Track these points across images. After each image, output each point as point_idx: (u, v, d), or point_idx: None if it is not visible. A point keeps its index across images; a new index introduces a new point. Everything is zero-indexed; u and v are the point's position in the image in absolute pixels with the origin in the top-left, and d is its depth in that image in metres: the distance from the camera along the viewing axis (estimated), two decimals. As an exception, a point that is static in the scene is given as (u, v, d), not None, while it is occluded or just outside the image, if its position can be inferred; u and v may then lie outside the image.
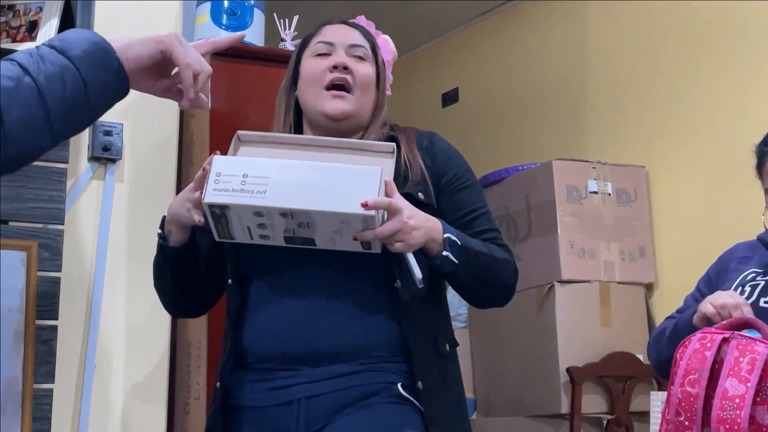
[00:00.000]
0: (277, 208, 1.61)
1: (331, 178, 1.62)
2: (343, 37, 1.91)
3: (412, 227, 1.65)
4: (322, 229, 1.64)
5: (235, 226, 1.67)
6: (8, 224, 2.31)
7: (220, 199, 1.62)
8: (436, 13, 4.88)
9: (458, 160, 1.91)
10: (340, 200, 1.60)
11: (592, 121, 4.09)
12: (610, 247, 3.58)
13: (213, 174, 1.63)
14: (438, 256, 1.71)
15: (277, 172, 1.62)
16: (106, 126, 2.52)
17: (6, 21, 2.25)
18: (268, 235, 1.67)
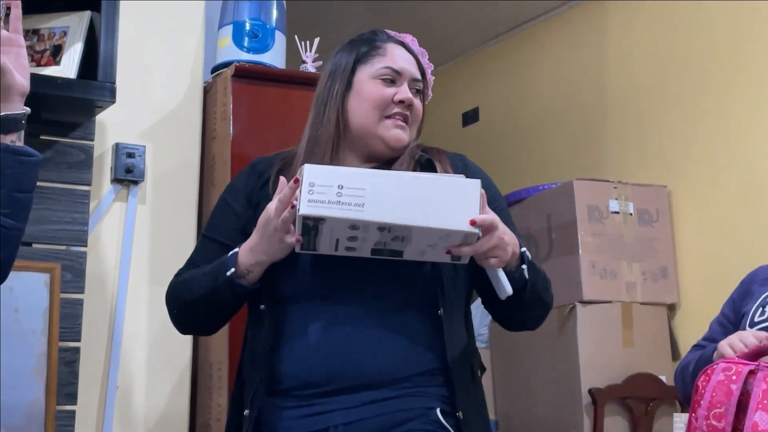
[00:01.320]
0: (377, 222, 1.56)
1: (429, 190, 1.58)
2: (409, 67, 1.88)
3: (506, 242, 1.64)
4: (417, 243, 1.61)
5: (323, 239, 1.61)
6: (32, 246, 2.33)
7: (318, 211, 1.55)
8: (456, 33, 4.89)
9: (491, 183, 1.90)
10: (442, 215, 1.56)
11: (613, 140, 4.08)
12: (632, 267, 3.56)
13: (306, 184, 1.56)
14: (516, 270, 1.70)
15: (374, 184, 1.57)
16: (129, 148, 2.54)
17: (31, 45, 2.27)
18: (356, 248, 1.62)
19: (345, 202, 1.55)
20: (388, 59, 1.86)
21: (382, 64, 1.85)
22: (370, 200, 1.55)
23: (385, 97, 1.83)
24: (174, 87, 2.68)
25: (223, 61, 2.74)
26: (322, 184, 1.55)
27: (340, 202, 1.55)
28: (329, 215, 1.55)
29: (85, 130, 2.42)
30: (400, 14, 4.63)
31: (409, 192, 1.57)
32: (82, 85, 2.20)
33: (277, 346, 1.75)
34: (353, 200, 1.55)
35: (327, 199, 1.55)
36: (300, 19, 4.52)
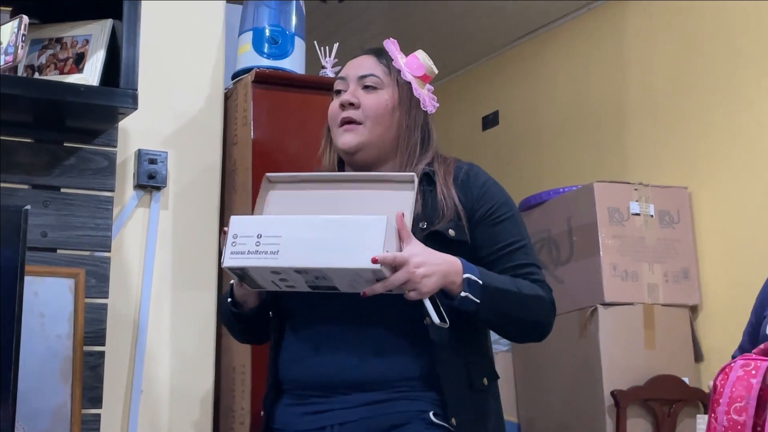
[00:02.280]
0: (289, 267, 1.66)
1: (338, 231, 1.66)
2: (355, 69, 1.93)
3: (422, 275, 1.65)
4: (339, 280, 1.68)
5: (259, 281, 1.73)
6: (56, 252, 2.36)
7: (237, 262, 1.68)
8: (475, 36, 4.90)
9: (495, 193, 1.89)
10: (347, 255, 1.64)
11: (633, 142, 4.07)
12: (654, 269, 3.55)
13: (230, 237, 1.69)
14: (456, 298, 1.71)
15: (289, 230, 1.67)
16: (151, 154, 2.56)
17: (54, 53, 2.30)
18: (293, 285, 1.72)
19: (262, 251, 1.67)
20: (342, 71, 1.97)
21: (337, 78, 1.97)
22: (284, 247, 1.66)
23: (335, 109, 1.92)
24: (195, 93, 2.70)
25: (243, 68, 2.76)
26: (243, 234, 1.69)
27: (258, 251, 1.67)
28: (247, 265, 1.68)
29: (108, 136, 2.44)
30: (419, 18, 4.64)
31: (319, 234, 1.66)
32: (104, 92, 2.23)
33: (278, 351, 1.86)
34: (269, 248, 1.66)
35: (247, 249, 1.68)
36: (319, 23, 4.55)
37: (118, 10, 2.27)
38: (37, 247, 2.31)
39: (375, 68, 1.92)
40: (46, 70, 2.29)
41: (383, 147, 1.91)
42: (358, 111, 1.88)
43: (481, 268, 1.76)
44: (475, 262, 1.77)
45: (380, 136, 1.89)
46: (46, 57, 2.30)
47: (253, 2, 2.81)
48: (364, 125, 1.88)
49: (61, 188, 2.39)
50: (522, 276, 1.83)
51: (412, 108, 1.93)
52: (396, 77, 1.92)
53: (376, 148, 1.90)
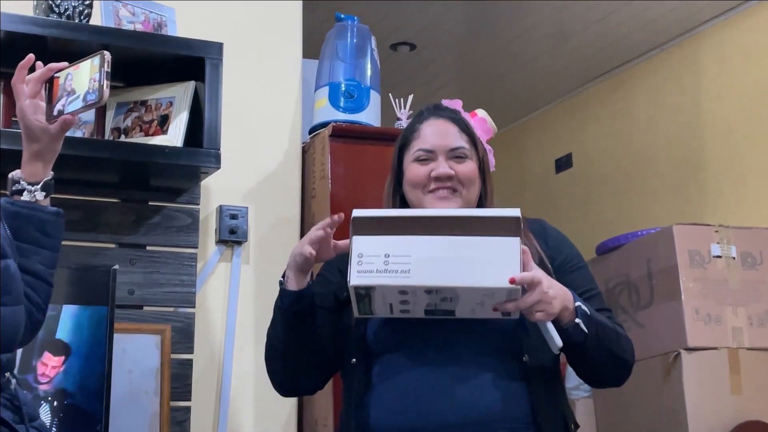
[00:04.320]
0: (422, 286, 1.64)
1: (471, 250, 1.65)
2: (442, 141, 1.91)
3: (551, 297, 1.68)
4: (465, 302, 1.68)
5: (377, 304, 1.70)
6: (143, 309, 2.42)
7: (366, 281, 1.65)
8: (547, 78, 4.90)
9: (569, 243, 1.96)
10: (484, 274, 1.63)
11: (711, 182, 4.01)
12: (737, 312, 3.48)
13: (355, 255, 1.66)
14: (570, 325, 1.73)
15: (418, 249, 1.65)
16: (232, 210, 2.61)
17: (139, 116, 2.37)
18: (409, 310, 1.71)
19: (392, 270, 1.65)
20: (421, 141, 1.92)
21: (416, 147, 1.92)
22: (416, 266, 1.65)
23: (422, 177, 1.90)
24: (274, 149, 2.76)
25: (320, 122, 2.80)
26: (369, 254, 1.66)
27: (387, 270, 1.65)
28: (377, 283, 1.65)
29: (191, 194, 2.50)
30: (490, 62, 4.67)
31: (452, 254, 1.65)
32: (188, 152, 2.29)
33: (367, 395, 1.82)
34: (400, 267, 1.65)
35: (375, 268, 1.65)
36: (391, 71, 4.60)
37: (200, 72, 2.33)
38: (125, 305, 2.37)
39: (460, 139, 1.92)
40: (132, 132, 2.35)
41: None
42: (454, 180, 1.89)
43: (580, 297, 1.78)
44: None
45: (469, 202, 1.91)
46: (131, 119, 2.37)
47: (329, 57, 2.86)
48: (460, 193, 1.89)
49: (147, 246, 2.45)
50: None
51: (488, 174, 1.97)
52: (477, 149, 1.94)
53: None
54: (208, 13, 2.69)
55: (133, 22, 2.37)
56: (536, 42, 4.47)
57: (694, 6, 4.07)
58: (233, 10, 2.76)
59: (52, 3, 2.23)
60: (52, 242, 1.57)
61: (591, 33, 4.35)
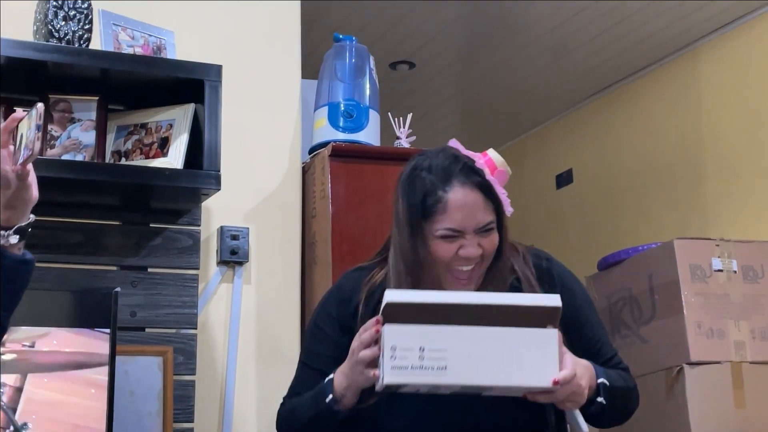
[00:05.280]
0: (461, 385, 1.59)
1: (509, 345, 1.58)
2: (471, 219, 1.76)
3: (584, 387, 1.67)
4: (498, 392, 1.64)
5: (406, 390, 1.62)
6: (144, 331, 2.42)
7: (401, 379, 1.56)
8: (547, 94, 4.92)
9: (577, 290, 1.89)
10: (523, 372, 1.57)
11: (711, 196, 4.02)
12: (740, 326, 3.47)
13: (388, 349, 1.56)
14: (594, 403, 1.73)
15: (455, 342, 1.57)
16: (233, 231, 2.62)
17: (139, 139, 2.38)
18: (438, 394, 1.64)
19: (427, 366, 1.55)
20: (448, 218, 1.75)
21: (443, 225, 1.76)
22: (452, 362, 1.56)
23: (448, 255, 1.77)
24: (274, 169, 2.77)
25: (320, 142, 2.82)
26: (403, 347, 1.56)
27: (423, 366, 1.55)
28: (413, 382, 1.57)
29: (192, 216, 2.51)
30: (489, 80, 4.69)
31: (490, 349, 1.57)
32: (189, 174, 2.30)
33: None
34: (436, 363, 1.56)
35: (410, 364, 1.55)
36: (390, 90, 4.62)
37: (199, 94, 2.34)
38: (127, 327, 2.38)
39: (487, 212, 1.78)
40: (132, 155, 2.37)
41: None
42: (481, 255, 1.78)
43: (602, 369, 1.78)
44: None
45: (487, 265, 1.82)
46: (131, 142, 2.38)
47: (328, 77, 2.88)
48: (480, 264, 1.79)
49: (148, 268, 2.45)
50: (612, 368, 1.85)
51: (505, 225, 1.84)
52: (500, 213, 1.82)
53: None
54: (207, 36, 2.71)
55: (133, 46, 2.38)
56: (535, 59, 4.49)
57: (692, 21, 4.09)
58: (232, 33, 2.78)
59: (51, 28, 2.25)
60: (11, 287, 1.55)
61: (590, 49, 4.37)
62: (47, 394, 2.01)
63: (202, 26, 2.72)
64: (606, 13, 4.03)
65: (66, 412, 2.01)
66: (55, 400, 2.01)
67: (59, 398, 2.02)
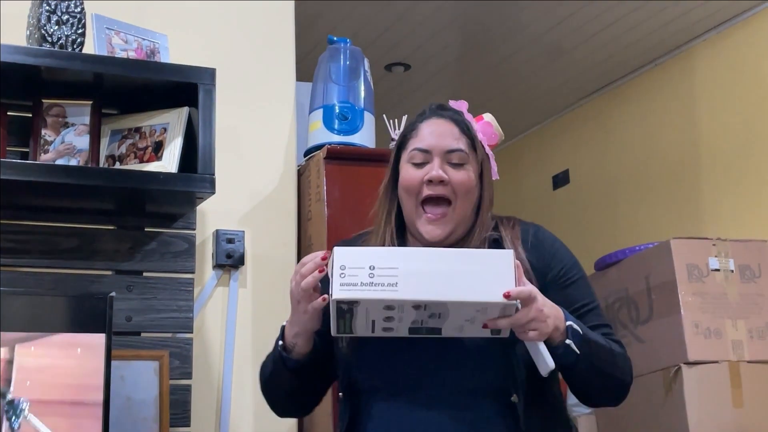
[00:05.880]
0: (411, 300, 1.54)
1: (462, 263, 1.56)
2: (439, 141, 1.82)
3: (546, 315, 1.61)
4: (454, 319, 1.58)
5: (359, 321, 1.59)
6: (140, 335, 2.41)
7: (351, 294, 1.54)
8: (543, 95, 4.91)
9: (564, 254, 1.85)
10: (477, 289, 1.54)
11: (708, 196, 4.02)
12: (737, 325, 3.47)
13: (337, 268, 1.55)
14: (561, 345, 1.66)
15: (406, 261, 1.55)
16: (228, 234, 2.62)
17: (133, 143, 2.37)
18: (393, 327, 1.61)
19: (378, 283, 1.54)
20: (418, 139, 1.83)
21: (412, 146, 1.84)
22: (403, 279, 1.54)
23: (415, 181, 1.81)
24: (269, 172, 2.76)
25: (315, 144, 2.81)
26: (353, 266, 1.55)
27: (373, 283, 1.54)
28: (363, 297, 1.54)
29: (187, 220, 2.51)
30: (486, 80, 4.69)
31: (442, 267, 1.55)
32: (183, 178, 2.29)
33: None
34: (386, 280, 1.54)
35: (359, 281, 1.54)
36: (386, 92, 4.62)
37: (193, 97, 2.34)
38: (123, 332, 2.37)
39: (459, 141, 1.83)
40: (127, 159, 2.36)
41: (465, 224, 1.84)
42: (448, 188, 1.80)
43: (577, 319, 1.72)
44: None
45: (464, 213, 1.82)
46: (126, 146, 2.37)
47: (322, 80, 2.87)
48: (453, 202, 1.80)
49: (143, 272, 2.45)
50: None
51: (484, 180, 1.86)
52: (477, 152, 1.85)
53: (460, 227, 1.83)
54: (200, 39, 2.71)
55: (126, 50, 2.38)
56: (530, 59, 4.49)
57: (688, 20, 4.09)
58: (226, 36, 2.78)
59: (44, 32, 2.24)
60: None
61: (585, 50, 4.37)
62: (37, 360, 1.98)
63: (195, 29, 2.72)
64: (601, 13, 4.03)
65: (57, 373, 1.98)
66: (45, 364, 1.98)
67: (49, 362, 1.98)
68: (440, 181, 1.80)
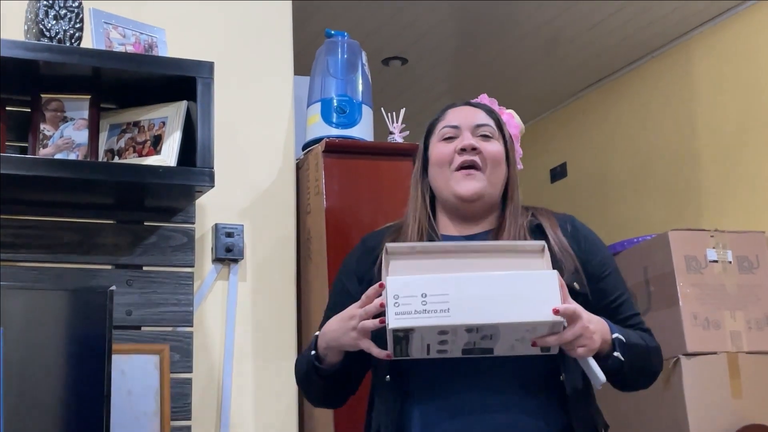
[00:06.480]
0: (464, 324, 1.61)
1: (509, 286, 1.62)
2: (467, 118, 1.92)
3: (592, 331, 1.66)
4: (505, 339, 1.65)
5: (414, 345, 1.67)
6: (140, 329, 2.42)
7: (406, 323, 1.61)
8: (540, 89, 4.92)
9: (600, 246, 1.91)
10: (525, 309, 1.60)
11: (705, 188, 4.02)
12: (735, 316, 3.48)
13: (391, 297, 1.62)
14: (609, 357, 1.72)
15: (456, 288, 1.63)
16: (227, 228, 2.62)
17: (132, 137, 2.37)
18: (447, 350, 1.68)
19: (431, 310, 1.61)
20: (446, 120, 1.94)
21: (441, 126, 1.93)
22: (455, 304, 1.61)
23: (448, 153, 1.89)
24: (268, 166, 2.76)
25: (313, 138, 2.81)
26: (406, 295, 1.62)
27: (426, 310, 1.61)
28: (418, 325, 1.61)
29: (186, 213, 2.51)
30: (483, 74, 4.68)
31: (490, 291, 1.62)
32: (182, 172, 2.29)
33: (405, 414, 1.79)
34: (438, 306, 1.61)
35: (413, 309, 1.61)
36: (384, 86, 4.62)
37: (191, 91, 2.34)
38: (123, 326, 2.37)
39: (487, 120, 1.93)
40: (126, 153, 2.36)
41: (494, 198, 1.90)
42: (480, 155, 1.87)
43: (618, 327, 1.77)
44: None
45: (495, 185, 1.88)
46: (124, 141, 2.38)
47: (320, 73, 2.88)
48: (484, 171, 1.87)
49: (143, 266, 2.45)
50: (633, 327, 1.85)
51: (510, 163, 1.94)
52: (502, 132, 1.93)
53: (490, 196, 1.89)
54: (198, 34, 2.71)
55: (124, 44, 2.38)
56: (527, 53, 4.49)
57: (686, 11, 4.09)
58: (223, 30, 2.78)
59: (42, 27, 2.24)
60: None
61: (582, 42, 4.37)
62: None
63: (193, 24, 2.72)
64: (597, 6, 4.03)
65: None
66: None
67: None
68: (473, 149, 1.87)
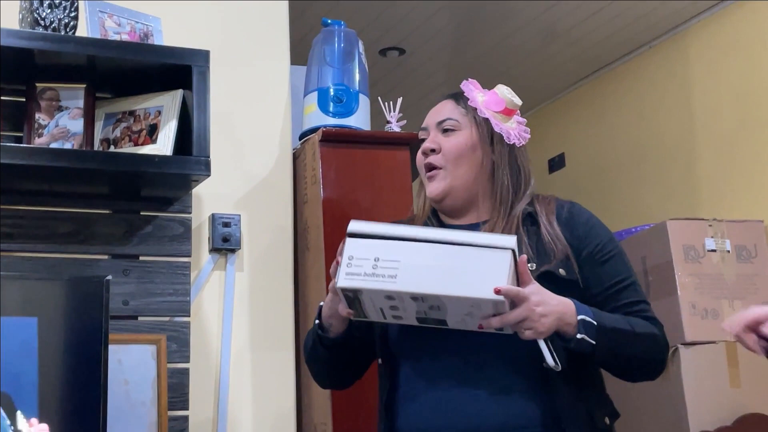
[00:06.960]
0: (408, 292, 1.63)
1: (461, 261, 1.63)
2: (432, 116, 1.97)
3: (540, 314, 1.65)
4: (453, 312, 1.65)
5: (368, 307, 1.69)
6: (137, 319, 2.41)
7: (352, 283, 1.64)
8: (538, 79, 4.91)
9: (600, 230, 1.88)
10: (470, 284, 1.60)
11: (703, 177, 4.02)
12: (734, 305, 3.48)
13: (345, 257, 1.65)
14: (572, 340, 1.70)
15: (409, 256, 1.64)
16: (224, 218, 2.61)
17: (128, 126, 2.36)
18: (401, 316, 1.69)
19: (379, 274, 1.63)
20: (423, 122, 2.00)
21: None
22: (403, 272, 1.63)
23: (420, 158, 1.96)
24: (265, 155, 2.75)
25: (310, 127, 2.80)
26: (360, 257, 1.65)
27: (375, 274, 1.63)
28: (362, 287, 1.64)
29: (183, 203, 2.50)
30: (480, 65, 4.67)
31: (442, 262, 1.63)
32: (178, 161, 2.28)
33: (392, 400, 1.84)
34: (387, 272, 1.63)
35: (363, 271, 1.64)
36: (381, 77, 4.61)
37: (187, 80, 2.33)
38: (120, 316, 2.36)
39: (452, 112, 1.94)
40: (121, 142, 2.35)
41: (470, 188, 1.91)
42: (438, 156, 1.91)
43: (594, 309, 1.75)
44: (585, 301, 1.76)
45: (463, 177, 1.90)
46: (120, 130, 2.37)
47: (317, 63, 2.86)
48: (445, 169, 1.90)
49: (139, 256, 2.44)
50: (633, 314, 1.82)
51: (494, 144, 1.92)
52: (473, 116, 1.93)
53: (462, 190, 1.90)
54: (194, 22, 2.69)
55: (119, 33, 2.37)
56: (525, 43, 4.48)
57: (681, 2, 4.08)
58: (219, 18, 2.77)
59: (37, 16, 2.23)
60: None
61: (579, 32, 4.36)
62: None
63: (189, 12, 2.70)
64: (595, -5, 4.02)
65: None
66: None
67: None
68: (431, 150, 1.93)
